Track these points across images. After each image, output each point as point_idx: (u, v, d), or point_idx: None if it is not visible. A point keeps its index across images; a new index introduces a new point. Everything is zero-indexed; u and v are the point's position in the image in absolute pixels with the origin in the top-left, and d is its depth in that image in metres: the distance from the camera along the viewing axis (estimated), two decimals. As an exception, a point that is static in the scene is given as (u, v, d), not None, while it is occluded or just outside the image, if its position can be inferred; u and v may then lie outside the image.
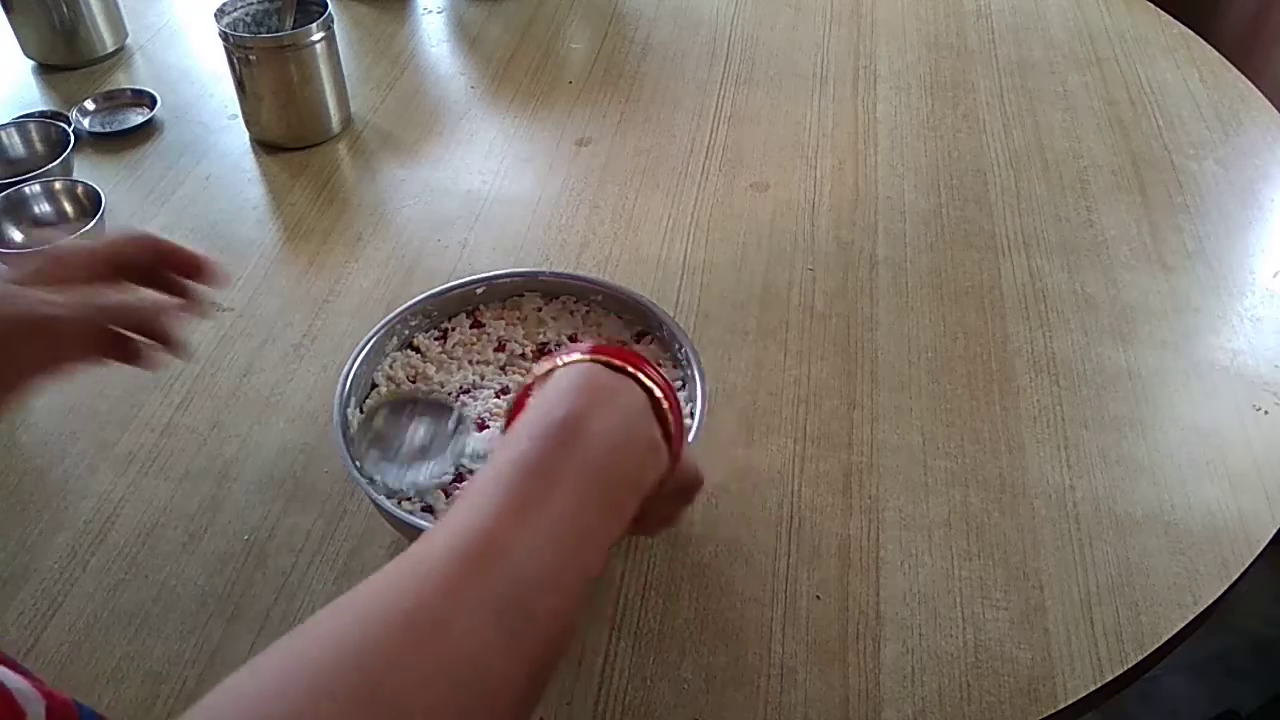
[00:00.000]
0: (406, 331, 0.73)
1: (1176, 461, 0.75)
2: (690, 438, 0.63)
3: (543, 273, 0.77)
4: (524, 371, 0.72)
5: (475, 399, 0.70)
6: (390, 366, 0.71)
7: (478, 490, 0.40)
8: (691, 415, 0.65)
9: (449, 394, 0.70)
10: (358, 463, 0.63)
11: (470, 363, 0.72)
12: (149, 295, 0.57)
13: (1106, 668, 0.63)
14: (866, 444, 0.76)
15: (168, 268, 0.58)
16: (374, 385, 0.71)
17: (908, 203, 0.98)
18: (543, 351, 0.73)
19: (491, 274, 0.76)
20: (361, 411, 0.68)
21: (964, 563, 0.69)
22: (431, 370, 0.71)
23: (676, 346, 0.70)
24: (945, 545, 0.70)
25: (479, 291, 0.75)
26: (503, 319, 0.75)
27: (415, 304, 0.73)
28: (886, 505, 0.72)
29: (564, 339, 0.74)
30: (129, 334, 0.54)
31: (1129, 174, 1.02)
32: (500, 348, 0.73)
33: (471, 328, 0.75)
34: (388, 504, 0.61)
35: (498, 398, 0.70)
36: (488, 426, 0.68)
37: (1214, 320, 0.87)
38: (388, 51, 1.21)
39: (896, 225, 0.96)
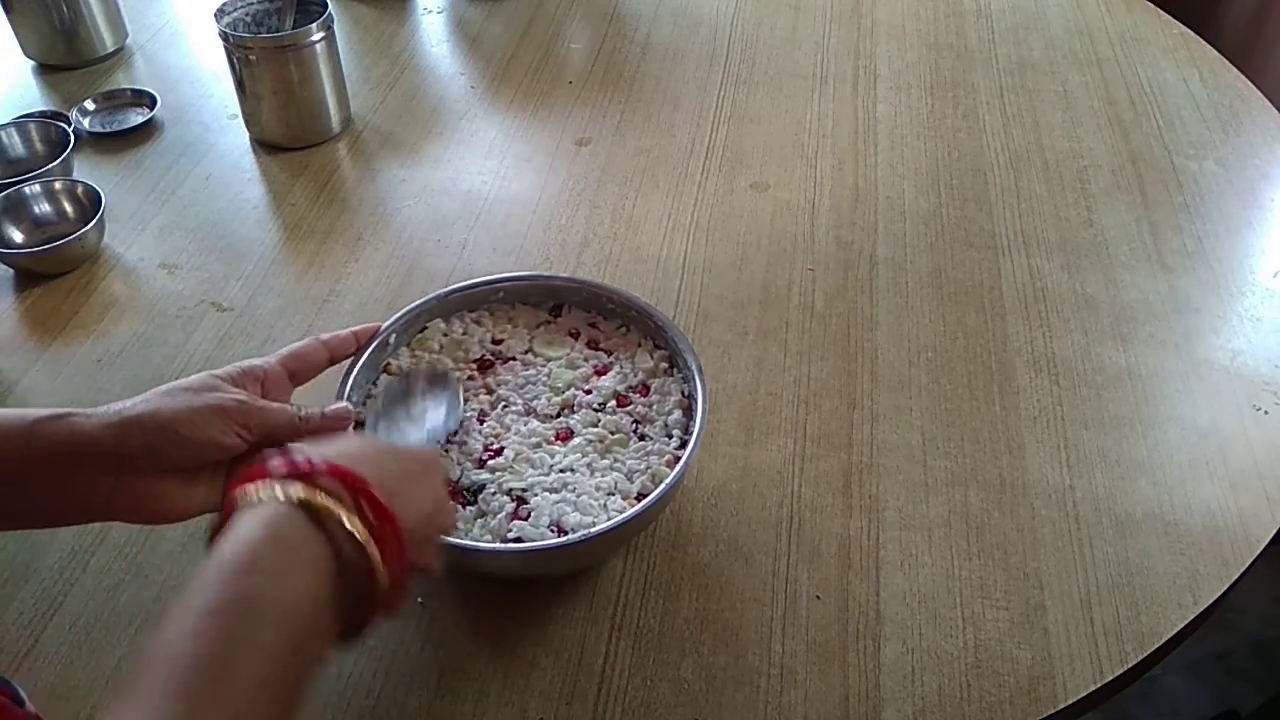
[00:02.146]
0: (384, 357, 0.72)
1: (1176, 461, 0.76)
2: (695, 442, 0.64)
3: (503, 279, 0.76)
4: (480, 390, 0.72)
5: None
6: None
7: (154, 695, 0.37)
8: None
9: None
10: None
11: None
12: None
13: (1106, 668, 0.63)
14: (866, 444, 0.76)
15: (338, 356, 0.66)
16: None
17: (908, 203, 0.98)
18: (483, 364, 0.73)
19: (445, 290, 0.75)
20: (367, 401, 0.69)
21: (964, 563, 0.69)
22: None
23: (667, 337, 0.71)
24: (945, 545, 0.70)
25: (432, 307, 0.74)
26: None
27: (396, 320, 0.72)
28: (886, 505, 0.72)
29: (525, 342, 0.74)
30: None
31: (1129, 174, 1.02)
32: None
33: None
34: None
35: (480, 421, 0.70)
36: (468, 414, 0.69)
37: (1214, 320, 0.87)
38: (388, 51, 1.21)
39: (896, 225, 0.96)
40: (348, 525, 0.44)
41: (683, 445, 0.65)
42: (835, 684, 0.62)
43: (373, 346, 0.69)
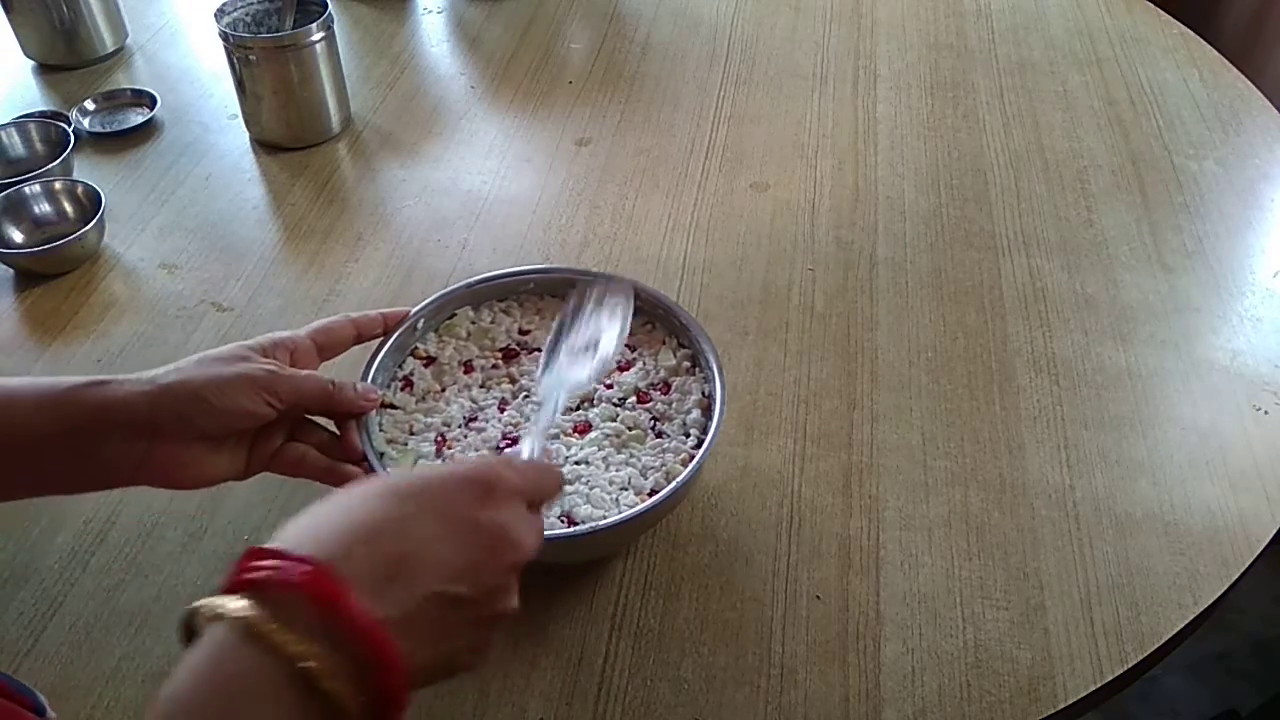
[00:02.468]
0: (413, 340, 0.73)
1: (1176, 461, 0.76)
2: (710, 440, 0.64)
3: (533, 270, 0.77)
4: (503, 379, 0.72)
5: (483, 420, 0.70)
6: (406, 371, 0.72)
7: None
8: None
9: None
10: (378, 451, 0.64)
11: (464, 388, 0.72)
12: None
13: (1106, 668, 0.63)
14: (866, 444, 0.76)
15: (365, 336, 0.67)
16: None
17: (908, 203, 0.98)
18: (508, 353, 0.73)
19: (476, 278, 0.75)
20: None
21: (964, 563, 0.69)
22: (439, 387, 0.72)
23: (683, 330, 0.72)
24: (945, 545, 0.70)
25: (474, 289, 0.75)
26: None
27: (425, 306, 0.72)
28: (886, 505, 0.72)
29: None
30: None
31: (1129, 174, 1.02)
32: (468, 369, 0.73)
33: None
34: None
35: (500, 410, 0.70)
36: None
37: (1214, 320, 0.87)
38: (388, 51, 1.21)
39: (896, 225, 0.96)
40: (295, 652, 0.36)
41: (699, 445, 0.66)
42: (835, 684, 0.62)
43: (401, 330, 0.70)
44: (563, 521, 0.62)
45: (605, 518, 0.62)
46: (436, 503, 0.43)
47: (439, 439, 0.68)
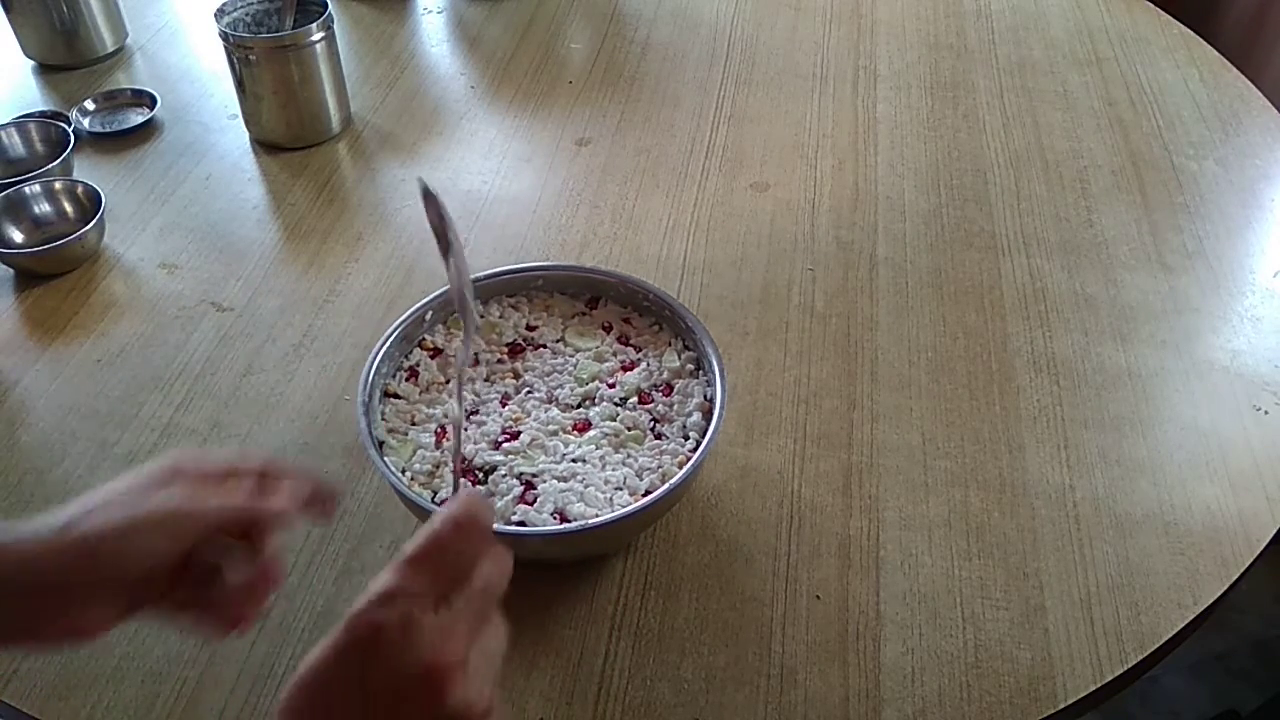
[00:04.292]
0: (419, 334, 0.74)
1: (1176, 461, 0.75)
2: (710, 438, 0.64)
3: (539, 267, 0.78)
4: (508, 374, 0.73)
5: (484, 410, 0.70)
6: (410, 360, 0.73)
7: None
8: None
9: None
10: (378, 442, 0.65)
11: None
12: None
13: (1106, 668, 0.63)
14: (866, 444, 0.76)
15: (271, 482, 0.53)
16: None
17: (908, 203, 0.98)
18: (514, 349, 0.74)
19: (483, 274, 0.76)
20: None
21: (964, 563, 0.69)
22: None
23: (684, 327, 0.72)
24: (945, 545, 0.70)
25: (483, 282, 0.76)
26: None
27: (429, 301, 0.73)
28: (886, 505, 0.72)
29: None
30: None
31: (1129, 174, 1.02)
32: (474, 362, 0.74)
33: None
34: (402, 484, 0.62)
35: (503, 405, 0.71)
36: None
37: (1214, 320, 0.87)
38: (388, 51, 1.21)
39: (896, 225, 0.96)
40: None
41: (698, 448, 0.66)
42: (835, 684, 0.62)
43: (408, 321, 0.71)
44: (555, 518, 0.62)
45: (597, 516, 0.62)
46: (323, 695, 0.38)
47: (439, 430, 0.68)
